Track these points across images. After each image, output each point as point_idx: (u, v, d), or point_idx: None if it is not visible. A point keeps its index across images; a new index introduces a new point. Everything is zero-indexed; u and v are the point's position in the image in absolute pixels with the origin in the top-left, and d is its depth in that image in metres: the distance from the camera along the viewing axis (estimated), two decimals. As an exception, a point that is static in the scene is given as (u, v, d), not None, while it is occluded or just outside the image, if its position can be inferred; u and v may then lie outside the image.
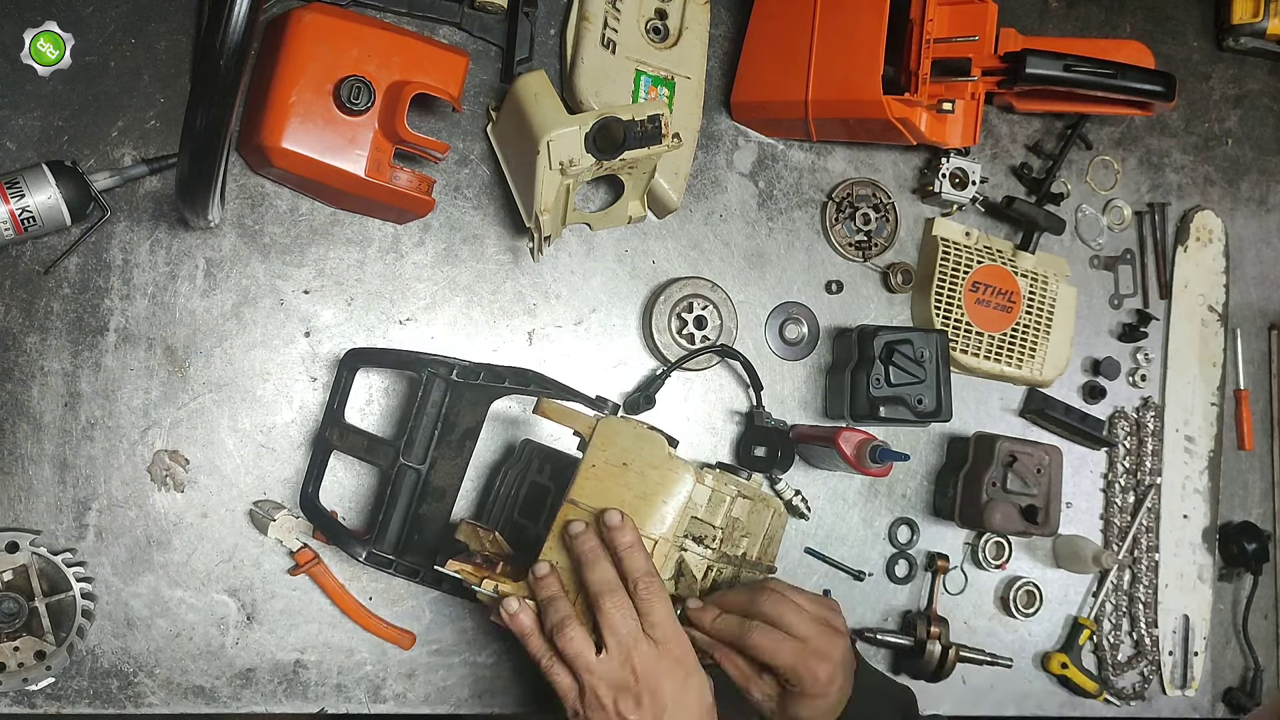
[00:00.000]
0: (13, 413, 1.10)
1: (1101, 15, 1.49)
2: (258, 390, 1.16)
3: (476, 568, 1.04)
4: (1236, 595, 1.50)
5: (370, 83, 1.07)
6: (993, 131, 1.42)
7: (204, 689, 1.14)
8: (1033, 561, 1.41)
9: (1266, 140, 1.55)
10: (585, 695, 0.92)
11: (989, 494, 1.30)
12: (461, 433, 1.12)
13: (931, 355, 1.27)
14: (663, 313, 1.25)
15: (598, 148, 1.09)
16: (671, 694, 0.91)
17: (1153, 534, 1.45)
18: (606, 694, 0.91)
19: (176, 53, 1.15)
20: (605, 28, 1.21)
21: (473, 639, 1.21)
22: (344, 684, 1.17)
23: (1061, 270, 1.41)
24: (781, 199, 1.33)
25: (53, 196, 1.05)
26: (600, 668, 0.91)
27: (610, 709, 0.90)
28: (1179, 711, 1.46)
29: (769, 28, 1.28)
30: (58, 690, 1.10)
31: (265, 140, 1.07)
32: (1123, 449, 1.44)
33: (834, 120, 1.25)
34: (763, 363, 1.29)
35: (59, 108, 1.12)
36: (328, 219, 1.18)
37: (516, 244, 1.24)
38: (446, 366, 1.10)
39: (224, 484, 1.15)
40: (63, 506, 1.11)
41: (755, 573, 1.11)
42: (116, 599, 1.12)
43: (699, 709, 0.93)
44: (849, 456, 1.21)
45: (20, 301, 1.11)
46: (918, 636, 1.31)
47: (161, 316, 1.14)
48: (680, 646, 0.93)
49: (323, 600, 1.16)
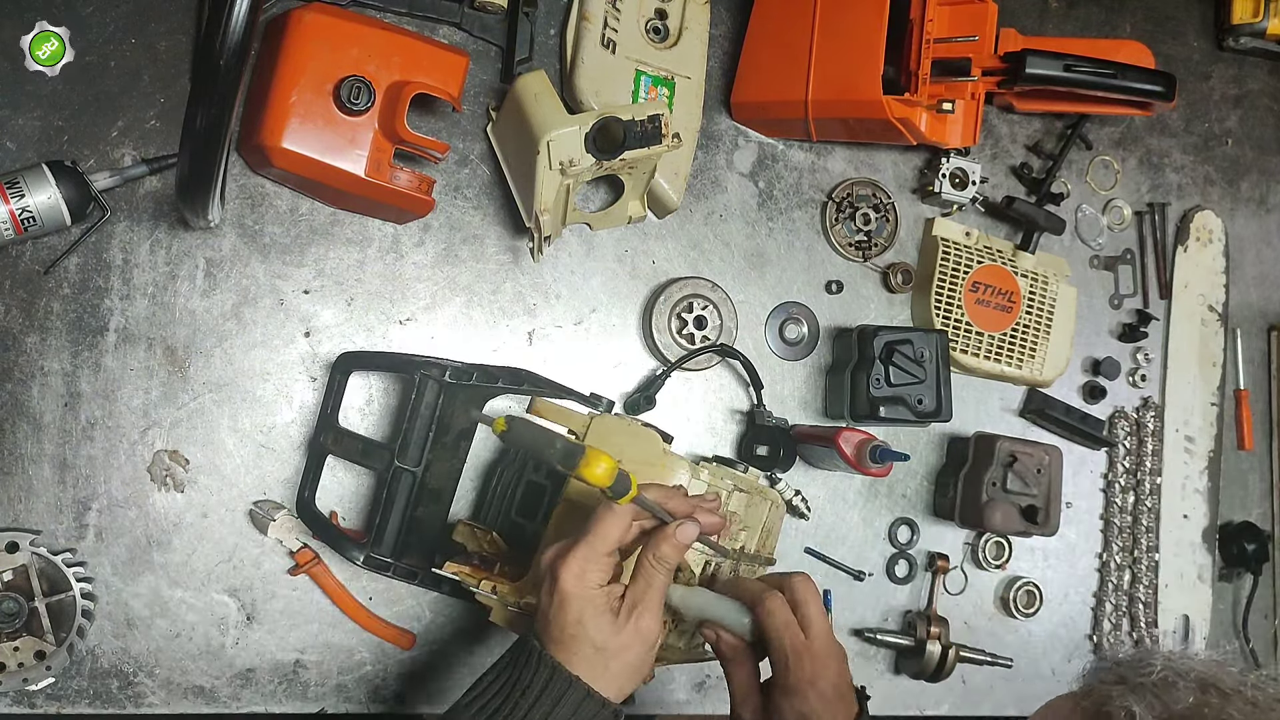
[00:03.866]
0: (13, 413, 1.10)
1: (1101, 15, 1.49)
2: (258, 390, 1.16)
3: (474, 569, 1.04)
4: (1236, 595, 1.50)
5: (370, 83, 1.07)
6: (993, 131, 1.42)
7: (204, 689, 1.14)
8: (1033, 561, 1.41)
9: (1266, 140, 1.55)
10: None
11: (989, 494, 1.30)
12: (456, 434, 1.12)
13: (931, 355, 1.27)
14: (663, 313, 1.25)
15: (598, 148, 1.09)
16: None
17: (1153, 534, 1.45)
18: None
19: (176, 53, 1.15)
20: (605, 28, 1.21)
21: (472, 639, 1.21)
22: (344, 684, 1.17)
23: (1061, 270, 1.41)
24: (781, 199, 1.33)
25: (53, 196, 1.05)
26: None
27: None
28: (1179, 711, 1.46)
29: (769, 28, 1.28)
30: (58, 690, 1.10)
31: (265, 140, 1.07)
32: (1123, 449, 1.44)
33: (834, 120, 1.25)
34: (763, 363, 1.29)
35: (59, 108, 1.12)
36: (328, 219, 1.18)
37: (516, 244, 1.24)
38: (439, 368, 1.10)
39: (224, 484, 1.15)
40: (63, 506, 1.11)
41: (754, 565, 1.11)
42: (116, 599, 1.12)
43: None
44: (849, 456, 1.21)
45: (20, 301, 1.11)
46: (918, 636, 1.31)
47: (161, 316, 1.14)
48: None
49: (323, 600, 1.16)
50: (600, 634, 0.87)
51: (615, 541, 0.89)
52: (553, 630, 0.88)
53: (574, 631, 0.87)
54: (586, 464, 0.81)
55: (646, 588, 0.89)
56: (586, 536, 0.88)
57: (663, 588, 0.90)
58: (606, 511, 0.89)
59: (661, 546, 0.89)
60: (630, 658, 0.88)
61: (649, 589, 0.89)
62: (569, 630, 0.87)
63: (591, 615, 0.87)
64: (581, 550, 0.88)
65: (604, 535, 0.88)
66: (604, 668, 0.87)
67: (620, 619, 0.88)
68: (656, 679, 1.26)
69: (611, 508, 0.88)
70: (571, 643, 0.87)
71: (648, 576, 0.89)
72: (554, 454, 0.81)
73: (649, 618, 0.89)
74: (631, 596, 0.89)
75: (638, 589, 0.89)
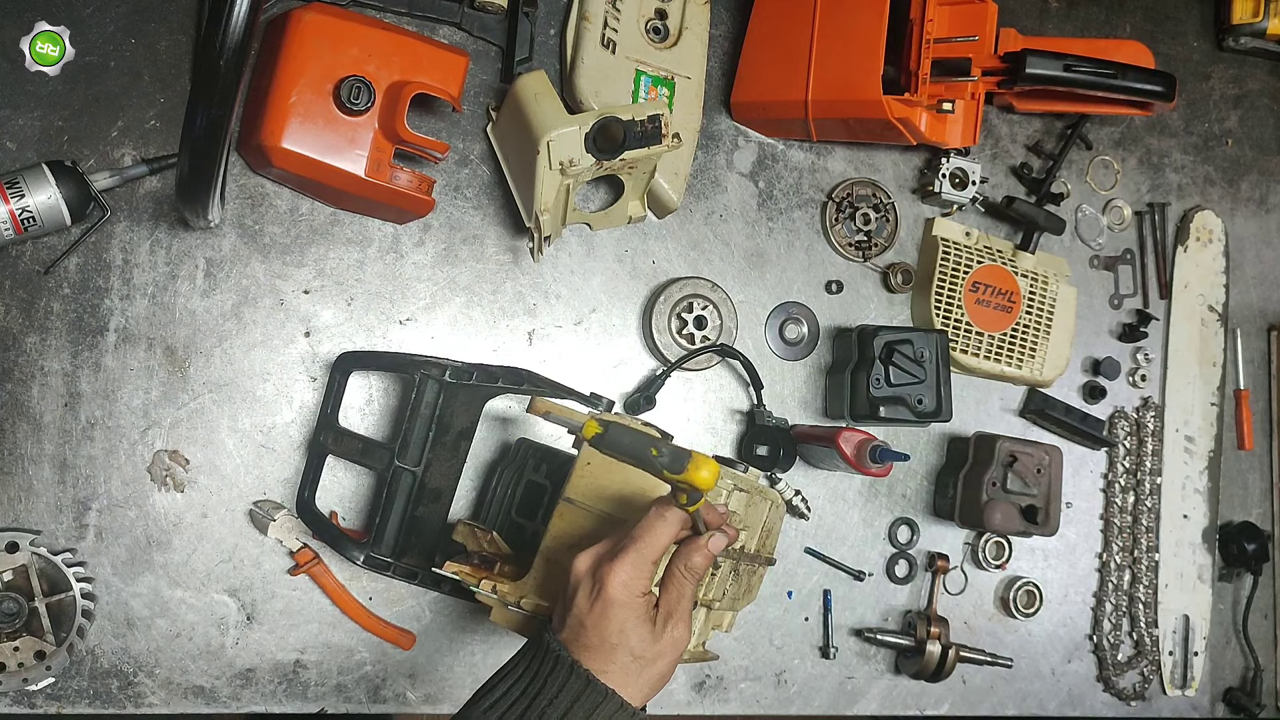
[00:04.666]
0: (13, 413, 1.10)
1: (1101, 15, 1.49)
2: (258, 390, 1.16)
3: (474, 569, 1.04)
4: (1236, 595, 1.50)
5: (370, 83, 1.07)
6: (993, 131, 1.42)
7: (204, 689, 1.14)
8: (1033, 561, 1.41)
9: (1266, 140, 1.55)
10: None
11: (989, 494, 1.30)
12: (456, 433, 1.12)
13: (931, 355, 1.27)
14: (663, 313, 1.25)
15: (598, 148, 1.09)
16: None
17: (1153, 534, 1.45)
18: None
19: (176, 53, 1.15)
20: (605, 28, 1.21)
21: (472, 639, 1.21)
22: (344, 684, 1.17)
23: (1061, 270, 1.41)
24: (781, 199, 1.33)
25: (53, 196, 1.05)
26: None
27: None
28: (1179, 711, 1.46)
29: (769, 28, 1.28)
30: (58, 690, 1.10)
31: (265, 140, 1.07)
32: (1123, 449, 1.44)
33: (834, 120, 1.25)
34: (763, 363, 1.29)
35: (59, 108, 1.12)
36: (328, 219, 1.19)
37: (516, 244, 1.24)
38: (439, 368, 1.10)
39: (224, 484, 1.15)
40: (63, 506, 1.11)
41: (754, 565, 1.11)
42: (116, 599, 1.12)
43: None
44: (849, 456, 1.21)
45: (20, 301, 1.11)
46: (918, 636, 1.31)
47: (161, 316, 1.14)
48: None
49: (323, 600, 1.16)
50: (641, 643, 0.86)
51: (664, 550, 0.88)
52: (589, 637, 0.86)
53: (616, 641, 0.86)
54: (696, 468, 0.80)
55: (680, 597, 0.89)
56: (636, 544, 0.87)
57: (693, 596, 0.89)
58: (659, 520, 0.87)
59: (694, 557, 0.88)
60: (662, 667, 0.88)
61: (681, 598, 0.89)
62: (610, 639, 0.86)
63: (634, 624, 0.86)
64: (631, 557, 0.86)
65: (655, 543, 0.87)
66: (637, 676, 0.87)
67: (658, 628, 0.87)
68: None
69: (664, 515, 0.87)
70: (611, 651, 0.86)
71: (680, 586, 0.89)
72: (659, 458, 0.81)
73: (682, 627, 0.88)
74: (665, 606, 0.88)
75: (670, 598, 0.88)
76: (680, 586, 0.89)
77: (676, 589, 0.89)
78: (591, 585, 0.87)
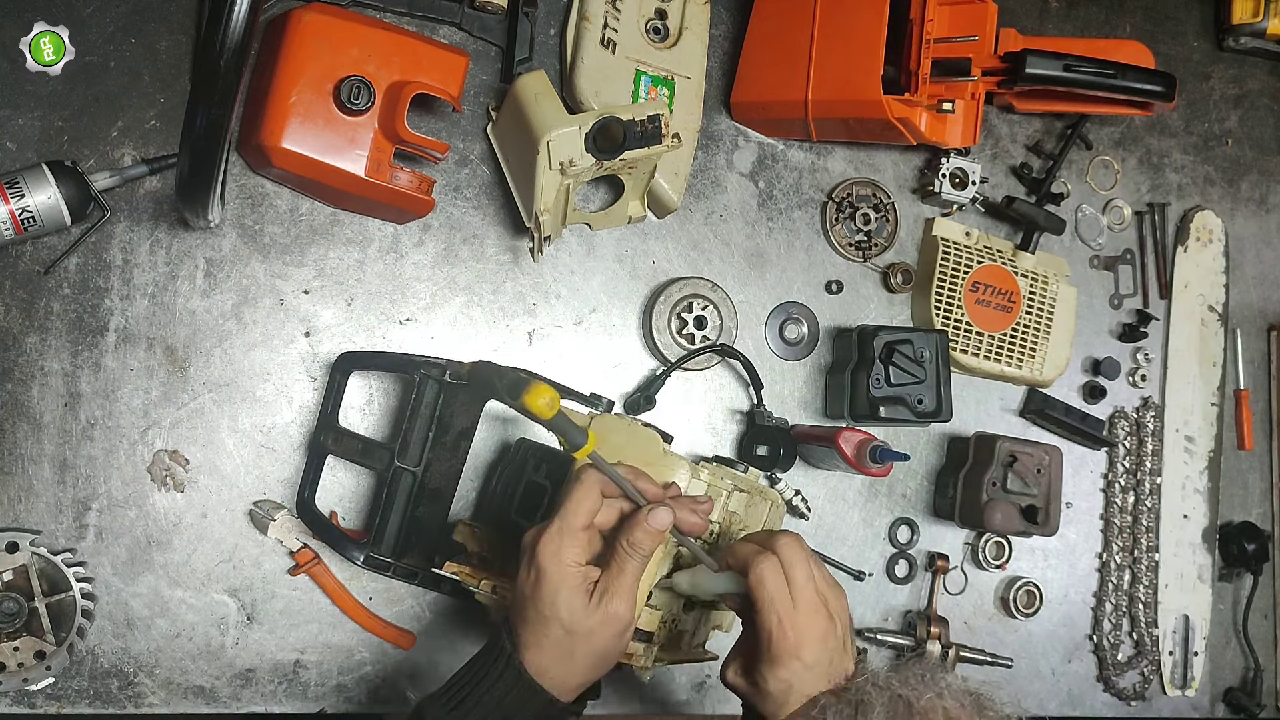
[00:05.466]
0: (13, 413, 1.10)
1: (1101, 15, 1.49)
2: (258, 390, 1.16)
3: (474, 569, 1.04)
4: (1236, 595, 1.50)
5: (370, 83, 1.07)
6: (993, 131, 1.42)
7: (204, 689, 1.14)
8: (1033, 561, 1.41)
9: (1266, 140, 1.55)
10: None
11: (989, 494, 1.30)
12: (456, 433, 1.12)
13: (931, 355, 1.27)
14: (663, 313, 1.25)
15: (598, 148, 1.09)
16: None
17: (1153, 534, 1.45)
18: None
19: (176, 53, 1.15)
20: (605, 28, 1.21)
21: (473, 639, 1.21)
22: (344, 684, 1.17)
23: (1061, 270, 1.41)
24: (781, 199, 1.33)
25: (53, 196, 1.05)
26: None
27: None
28: (1179, 711, 1.46)
29: (769, 28, 1.28)
30: (58, 690, 1.10)
31: (265, 140, 1.07)
32: (1123, 449, 1.44)
33: (834, 120, 1.25)
34: (763, 363, 1.29)
35: (59, 108, 1.12)
36: (328, 219, 1.19)
37: (516, 244, 1.24)
38: (439, 368, 1.10)
39: (224, 484, 1.15)
40: (63, 506, 1.11)
41: None
42: (116, 599, 1.12)
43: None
44: (849, 456, 1.21)
45: (20, 301, 1.11)
46: (918, 636, 1.31)
47: (161, 316, 1.14)
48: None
49: (323, 600, 1.16)
50: (572, 616, 0.86)
51: (588, 515, 0.88)
52: (527, 610, 0.87)
53: (548, 612, 0.87)
54: (532, 395, 0.81)
55: (619, 573, 0.88)
56: (560, 511, 0.88)
57: (636, 573, 0.89)
58: (574, 484, 0.89)
59: (635, 532, 0.88)
60: (598, 643, 0.88)
61: (621, 574, 0.88)
62: (543, 610, 0.87)
63: (565, 595, 0.87)
64: (556, 524, 0.88)
65: (574, 509, 0.88)
66: (570, 652, 0.87)
67: (592, 602, 0.87)
68: (657, 679, 1.26)
69: (579, 479, 0.88)
70: (545, 624, 0.87)
71: (620, 561, 0.88)
72: (501, 385, 0.82)
73: (619, 602, 0.88)
74: (604, 580, 0.88)
75: (610, 573, 0.88)
76: (620, 561, 0.88)
77: (616, 564, 0.88)
78: (527, 556, 0.89)
